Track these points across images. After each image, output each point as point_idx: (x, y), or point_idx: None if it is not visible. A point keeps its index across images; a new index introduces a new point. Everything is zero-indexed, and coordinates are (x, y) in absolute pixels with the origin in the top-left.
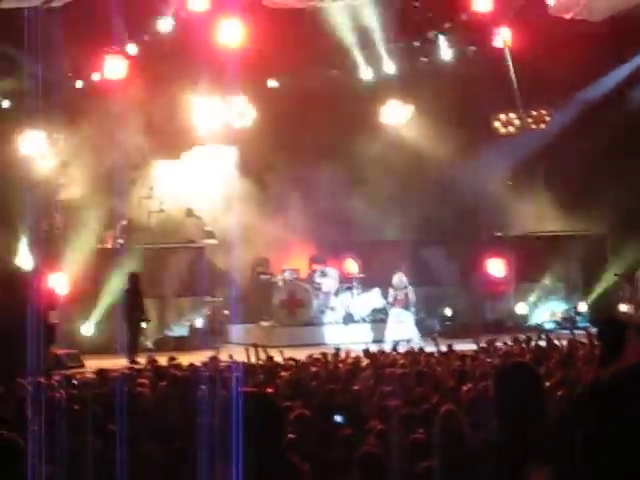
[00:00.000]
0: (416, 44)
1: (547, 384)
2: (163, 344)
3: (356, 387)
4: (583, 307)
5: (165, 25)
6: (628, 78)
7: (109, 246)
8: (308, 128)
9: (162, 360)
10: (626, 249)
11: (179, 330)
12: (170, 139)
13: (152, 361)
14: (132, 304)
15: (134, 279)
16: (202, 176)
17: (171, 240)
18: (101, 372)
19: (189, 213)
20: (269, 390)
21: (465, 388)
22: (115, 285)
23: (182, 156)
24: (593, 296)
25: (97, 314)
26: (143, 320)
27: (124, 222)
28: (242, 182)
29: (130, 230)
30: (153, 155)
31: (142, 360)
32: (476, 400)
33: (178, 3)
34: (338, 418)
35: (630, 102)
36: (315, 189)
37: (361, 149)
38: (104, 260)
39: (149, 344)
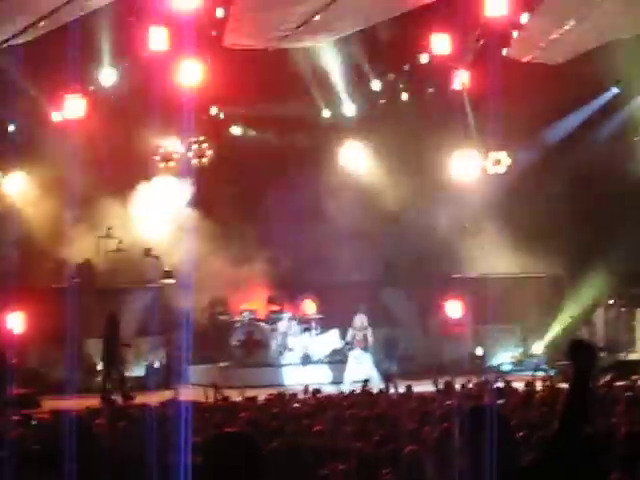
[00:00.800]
0: (376, 86)
1: None
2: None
3: (318, 427)
4: (540, 349)
5: (127, 64)
6: (587, 121)
7: (65, 285)
8: (268, 167)
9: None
10: (582, 291)
11: (137, 370)
12: (126, 175)
13: (110, 401)
14: (113, 343)
15: (113, 319)
16: (159, 216)
17: (129, 280)
18: (56, 413)
19: (147, 253)
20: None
21: (427, 429)
22: (75, 324)
23: (138, 192)
24: (550, 338)
25: (54, 354)
26: (125, 345)
27: (81, 261)
28: (200, 222)
29: (87, 269)
30: (110, 192)
31: (97, 401)
32: (438, 441)
33: (138, 43)
34: None
35: (589, 144)
36: (275, 230)
37: (320, 191)
38: (61, 299)
39: (107, 384)
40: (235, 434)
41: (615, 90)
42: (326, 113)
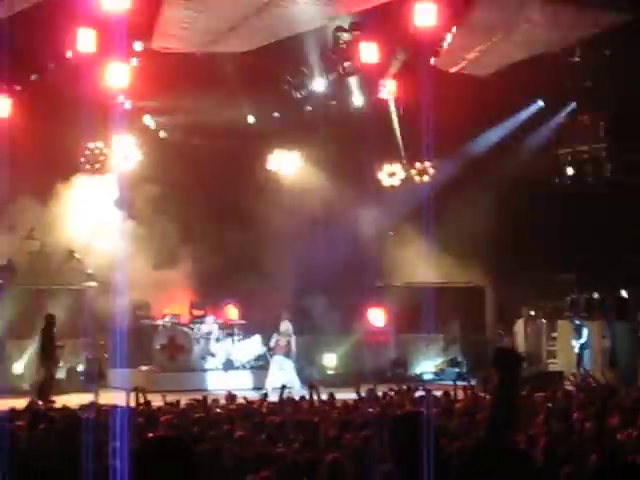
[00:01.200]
0: (302, 93)
1: None
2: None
3: (239, 433)
4: (461, 358)
5: (52, 66)
6: (515, 131)
7: None
8: (195, 172)
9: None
10: (504, 300)
11: (58, 373)
12: (50, 176)
13: (31, 403)
14: (50, 345)
15: (50, 320)
16: (83, 217)
17: (51, 282)
18: None
19: (70, 255)
20: (152, 434)
21: (348, 436)
22: None
23: (61, 192)
24: (471, 347)
25: None
26: (60, 346)
27: (3, 262)
28: (124, 224)
29: (9, 270)
30: (32, 193)
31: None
32: (359, 448)
33: (66, 44)
34: None
35: (514, 156)
36: (198, 233)
37: (246, 195)
38: None
39: (25, 386)
40: (168, 438)
41: (540, 103)
42: (251, 119)
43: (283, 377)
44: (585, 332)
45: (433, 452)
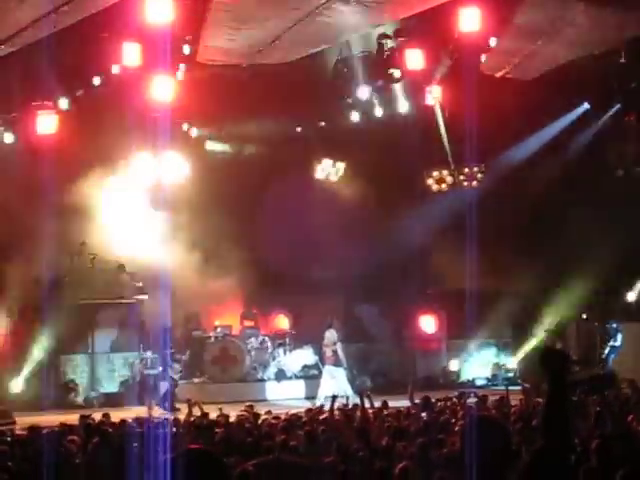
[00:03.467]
0: (349, 101)
1: None
2: (94, 400)
3: (293, 443)
4: (514, 364)
5: (98, 81)
6: (561, 133)
7: (39, 302)
8: (242, 182)
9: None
10: (556, 305)
11: (110, 386)
12: (102, 192)
13: (83, 417)
14: None
15: None
16: (134, 231)
17: (102, 296)
18: (32, 429)
19: (121, 269)
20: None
21: (402, 444)
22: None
23: (109, 205)
24: (524, 352)
25: (26, 370)
26: None
27: (54, 276)
28: (175, 238)
29: (56, 286)
30: (83, 208)
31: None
32: (414, 456)
33: (111, 59)
34: None
35: (563, 157)
36: (248, 244)
37: (294, 205)
38: (32, 316)
39: (79, 400)
40: (198, 452)
41: (586, 105)
42: (299, 128)
43: (335, 386)
44: (619, 337)
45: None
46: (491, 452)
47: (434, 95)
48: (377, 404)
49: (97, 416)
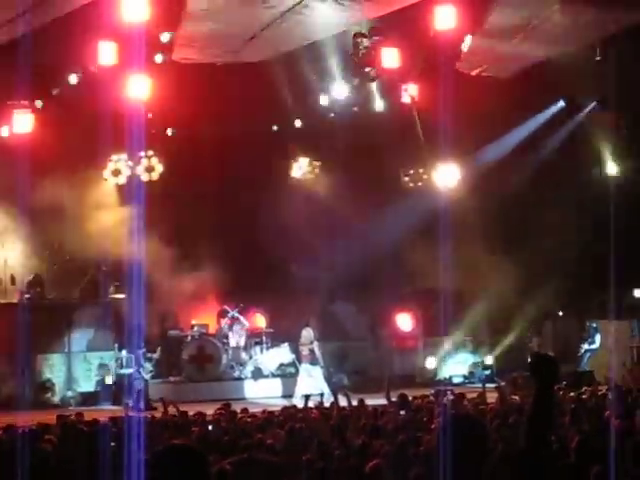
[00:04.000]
0: (324, 100)
1: None
2: (70, 400)
3: (269, 441)
4: (490, 360)
5: (73, 79)
6: (535, 133)
7: (15, 301)
8: (216, 181)
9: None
10: (532, 302)
11: (86, 385)
12: (76, 190)
13: (61, 417)
14: None
15: None
16: (107, 228)
17: (78, 295)
18: (7, 428)
19: (97, 267)
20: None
21: (379, 442)
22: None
23: (87, 205)
24: (500, 349)
25: (6, 369)
26: None
27: (31, 276)
28: (150, 236)
29: (37, 284)
30: (59, 207)
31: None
32: (391, 454)
33: (87, 57)
34: None
35: (539, 155)
36: (222, 243)
37: (269, 202)
38: (10, 315)
39: (56, 400)
40: (180, 447)
41: (561, 103)
42: (275, 127)
43: (312, 384)
44: (597, 337)
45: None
46: (467, 449)
47: (410, 93)
48: (354, 402)
49: (74, 416)
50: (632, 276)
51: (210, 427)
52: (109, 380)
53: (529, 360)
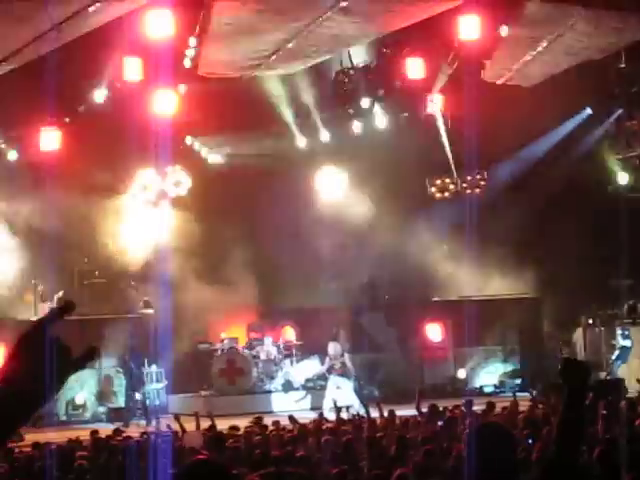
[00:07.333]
0: (350, 111)
1: None
2: (102, 415)
3: (300, 453)
4: (521, 370)
5: (100, 96)
6: (562, 141)
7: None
8: (244, 196)
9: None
10: (560, 311)
11: (117, 401)
12: (105, 207)
13: (93, 432)
14: None
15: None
16: (136, 244)
17: (108, 311)
18: (39, 445)
19: (126, 283)
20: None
21: (411, 453)
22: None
23: (113, 220)
24: (531, 359)
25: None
26: None
27: (60, 293)
28: (179, 251)
29: (66, 301)
30: (88, 224)
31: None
32: (422, 464)
33: (112, 74)
34: None
35: (564, 165)
36: (253, 256)
37: (297, 216)
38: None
39: (87, 416)
40: (202, 462)
41: (588, 111)
42: (301, 141)
43: (341, 396)
44: (628, 341)
45: (510, 464)
46: (496, 460)
47: (435, 103)
48: (385, 414)
49: (105, 431)
50: None
51: (242, 441)
52: (139, 396)
53: (559, 366)
